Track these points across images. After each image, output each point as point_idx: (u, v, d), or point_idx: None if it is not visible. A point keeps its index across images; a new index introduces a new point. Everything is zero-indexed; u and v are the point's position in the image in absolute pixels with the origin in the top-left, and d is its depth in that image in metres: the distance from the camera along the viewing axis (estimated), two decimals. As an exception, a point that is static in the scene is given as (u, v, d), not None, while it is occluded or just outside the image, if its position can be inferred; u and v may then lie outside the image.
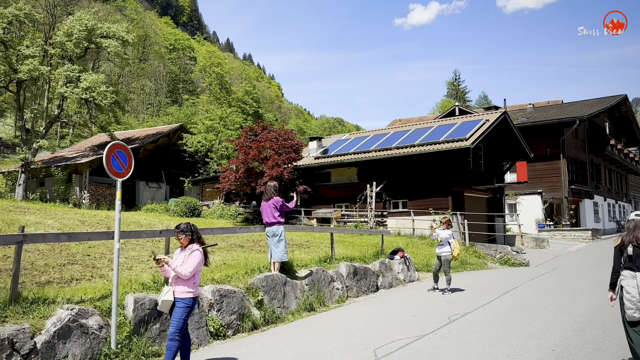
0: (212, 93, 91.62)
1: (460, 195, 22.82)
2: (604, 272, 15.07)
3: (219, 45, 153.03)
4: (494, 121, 22.82)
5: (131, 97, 77.85)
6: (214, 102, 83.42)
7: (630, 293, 5.45)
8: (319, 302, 9.80)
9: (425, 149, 22.08)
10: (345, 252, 14.44)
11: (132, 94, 78.00)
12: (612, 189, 41.91)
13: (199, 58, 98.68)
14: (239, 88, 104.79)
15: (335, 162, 24.78)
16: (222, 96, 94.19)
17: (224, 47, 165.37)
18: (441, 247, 11.56)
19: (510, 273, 15.15)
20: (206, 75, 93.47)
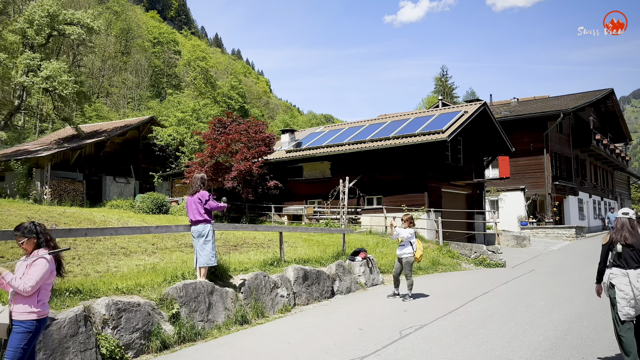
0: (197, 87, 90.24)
1: (438, 191, 21.61)
2: (585, 274, 13.90)
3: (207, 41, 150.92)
4: (472, 113, 21.61)
5: (112, 91, 76.07)
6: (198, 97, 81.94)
7: (624, 291, 5.50)
8: (256, 312, 8.49)
9: (401, 141, 20.82)
10: (304, 253, 13.16)
11: (113, 87, 76.21)
12: (598, 186, 40.96)
13: (183, 52, 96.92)
14: (225, 83, 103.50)
15: (308, 155, 23.47)
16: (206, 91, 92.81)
17: (212, 42, 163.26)
18: (402, 247, 10.30)
19: (483, 275, 13.94)
20: (190, 70, 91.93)
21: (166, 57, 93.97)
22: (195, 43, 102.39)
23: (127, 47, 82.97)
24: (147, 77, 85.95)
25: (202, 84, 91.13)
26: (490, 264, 15.70)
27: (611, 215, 25.42)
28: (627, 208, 6.23)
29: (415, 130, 21.04)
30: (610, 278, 5.75)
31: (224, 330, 7.65)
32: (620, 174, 50.70)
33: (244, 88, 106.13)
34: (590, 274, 13.97)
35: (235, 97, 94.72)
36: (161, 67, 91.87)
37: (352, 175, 22.62)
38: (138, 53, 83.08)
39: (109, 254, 11.42)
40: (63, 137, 33.35)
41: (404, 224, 10.35)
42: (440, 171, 21.86)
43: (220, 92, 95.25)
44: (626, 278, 5.55)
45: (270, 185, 24.02)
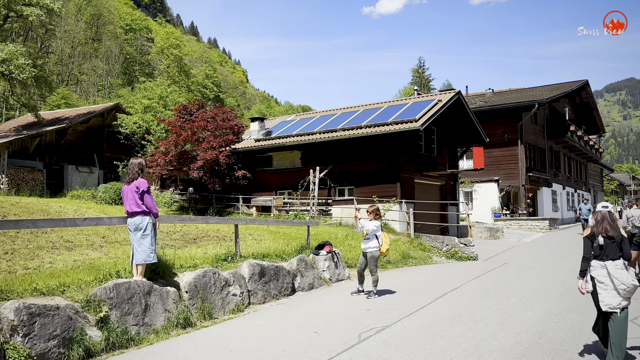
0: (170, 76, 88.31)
1: (410, 182, 21.00)
2: (558, 267, 13.42)
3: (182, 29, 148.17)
4: (446, 102, 21.01)
5: (82, 79, 73.87)
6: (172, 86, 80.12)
7: (604, 282, 5.63)
8: (202, 314, 7.68)
9: (373, 130, 20.12)
10: (267, 247, 12.38)
11: (83, 75, 74.01)
12: (572, 178, 40.98)
13: (156, 39, 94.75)
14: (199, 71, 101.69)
15: (277, 145, 22.61)
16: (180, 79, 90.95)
17: (188, 30, 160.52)
18: (367, 241, 9.59)
19: (454, 269, 13.35)
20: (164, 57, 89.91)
21: (139, 45, 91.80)
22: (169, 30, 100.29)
23: (98, 34, 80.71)
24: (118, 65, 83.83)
25: (176, 72, 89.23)
26: (462, 257, 15.14)
27: (584, 207, 24.67)
28: (604, 202, 6.25)
29: (388, 119, 20.36)
30: (590, 271, 5.83)
31: (162, 335, 6.83)
32: (593, 166, 50.99)
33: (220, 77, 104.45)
34: (564, 267, 13.52)
35: (210, 87, 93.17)
36: (134, 54, 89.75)
37: (323, 165, 21.88)
38: (110, 40, 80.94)
39: (50, 247, 10.48)
40: (23, 125, 31.87)
41: (369, 215, 9.63)
42: (413, 161, 21.25)
43: (195, 81, 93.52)
44: (604, 270, 5.66)
45: (238, 175, 23.11)
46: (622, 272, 5.56)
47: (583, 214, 24.37)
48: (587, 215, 23.66)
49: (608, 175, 65.09)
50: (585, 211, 24.15)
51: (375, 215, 9.56)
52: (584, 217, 24.26)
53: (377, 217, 9.59)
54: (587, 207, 24.32)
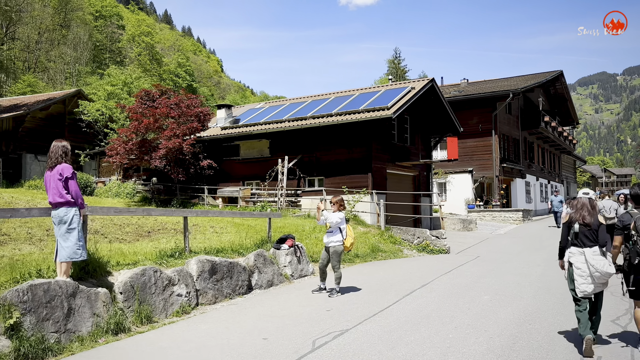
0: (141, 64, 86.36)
1: (383, 172, 20.32)
2: (532, 261, 12.86)
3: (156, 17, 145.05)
4: (420, 89, 20.33)
5: (50, 66, 71.49)
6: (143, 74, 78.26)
7: (581, 269, 5.71)
8: (139, 318, 6.82)
9: (343, 118, 19.33)
10: (225, 240, 11.56)
11: (51, 62, 71.62)
12: (545, 169, 40.90)
13: (127, 26, 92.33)
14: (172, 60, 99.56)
15: (244, 133, 21.66)
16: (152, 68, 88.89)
17: (162, 18, 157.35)
18: (330, 234, 8.82)
19: (425, 263, 12.69)
20: (135, 45, 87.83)
21: (109, 32, 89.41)
22: (141, 18, 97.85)
23: (67, 20, 78.27)
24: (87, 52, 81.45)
25: (147, 60, 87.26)
26: (434, 250, 14.51)
27: (554, 199, 23.88)
28: (587, 188, 6.30)
29: (360, 107, 19.59)
30: (568, 257, 5.90)
31: (88, 343, 5.95)
32: (566, 158, 51.17)
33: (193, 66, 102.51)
34: (538, 260, 12.99)
35: (182, 75, 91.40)
36: (104, 42, 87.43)
37: (292, 154, 21.04)
38: (79, 27, 78.58)
39: (-21, 242, 9.47)
40: (-25, 111, 30.26)
41: (333, 207, 8.86)
42: (385, 151, 20.56)
43: (167, 70, 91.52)
44: (582, 256, 5.72)
45: (203, 165, 22.13)
46: (599, 259, 5.62)
47: (554, 207, 23.77)
48: (559, 207, 23.11)
49: (580, 167, 65.68)
50: (556, 203, 23.60)
51: (339, 207, 8.80)
52: (554, 209, 23.67)
53: (341, 209, 8.83)
54: (558, 198, 23.77)
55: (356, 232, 15.65)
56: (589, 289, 5.61)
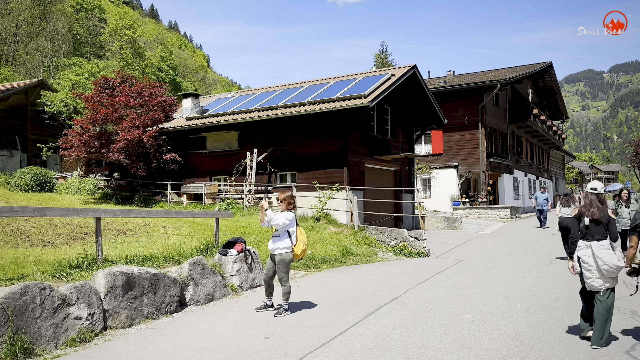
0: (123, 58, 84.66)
1: (360, 166, 18.72)
2: (522, 266, 11.32)
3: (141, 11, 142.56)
4: (401, 76, 18.74)
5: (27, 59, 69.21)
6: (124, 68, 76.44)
7: (588, 262, 5.58)
8: (13, 351, 5.15)
9: (317, 108, 17.68)
10: (159, 245, 9.91)
11: (29, 55, 69.33)
12: (534, 164, 39.54)
13: (109, 19, 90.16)
14: (155, 54, 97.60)
15: (210, 124, 19.93)
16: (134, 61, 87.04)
17: (148, 13, 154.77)
18: (276, 240, 7.19)
19: (400, 269, 11.10)
20: (117, 38, 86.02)
21: (91, 25, 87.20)
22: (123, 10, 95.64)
23: (45, 12, 76.01)
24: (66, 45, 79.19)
25: (129, 54, 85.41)
26: (412, 253, 12.94)
27: (540, 196, 20.98)
28: (596, 182, 5.97)
29: (334, 95, 17.96)
30: (576, 250, 5.76)
31: None
32: (555, 153, 49.92)
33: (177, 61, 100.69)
34: (529, 265, 11.47)
35: (165, 69, 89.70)
36: (85, 35, 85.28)
37: (263, 147, 19.37)
38: (58, 19, 76.46)
39: None
40: None
41: (280, 205, 7.23)
42: (363, 144, 18.96)
43: (150, 64, 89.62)
44: (589, 249, 5.62)
45: (166, 158, 20.41)
46: (606, 253, 5.49)
47: (539, 204, 20.97)
48: (544, 205, 20.75)
49: (568, 164, 64.60)
50: (541, 201, 20.86)
51: (287, 205, 7.17)
52: (539, 207, 20.93)
53: (290, 207, 7.20)
54: (544, 196, 20.98)
55: (327, 233, 14.05)
56: (597, 283, 5.49)
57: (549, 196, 20.93)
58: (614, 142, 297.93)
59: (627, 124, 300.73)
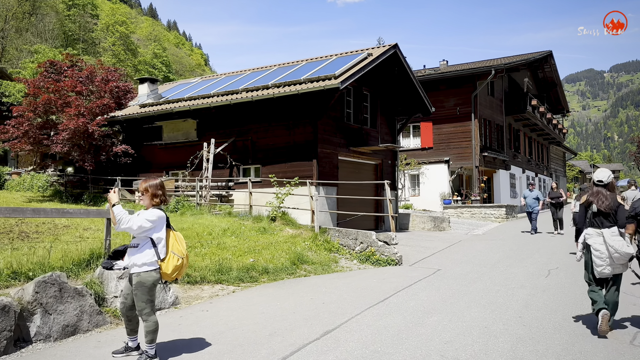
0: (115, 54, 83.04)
1: (333, 159, 16.41)
2: (514, 278, 8.97)
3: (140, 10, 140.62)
4: (379, 56, 16.40)
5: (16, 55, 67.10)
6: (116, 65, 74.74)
7: (599, 250, 5.53)
8: None
9: (281, 91, 15.34)
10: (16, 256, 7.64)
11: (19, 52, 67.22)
12: (533, 160, 37.11)
13: (102, 15, 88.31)
14: (148, 50, 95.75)
15: (164, 111, 17.60)
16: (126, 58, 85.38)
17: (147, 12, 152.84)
18: (133, 252, 4.88)
19: (357, 283, 8.74)
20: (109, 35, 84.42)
21: (83, 22, 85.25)
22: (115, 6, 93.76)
23: (35, 8, 74.05)
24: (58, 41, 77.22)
25: (122, 50, 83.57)
26: (380, 261, 10.60)
27: (528, 195, 17.45)
28: (602, 171, 5.85)
29: (302, 76, 15.63)
30: (585, 238, 5.72)
31: None
32: (555, 149, 47.50)
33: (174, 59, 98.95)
34: (521, 278, 9.07)
35: (158, 66, 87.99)
36: (77, 32, 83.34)
37: (224, 137, 17.08)
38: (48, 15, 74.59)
39: None
40: None
41: (142, 198, 4.91)
42: (337, 133, 16.65)
43: (142, 60, 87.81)
44: (600, 237, 5.55)
45: (117, 150, 18.11)
46: (618, 240, 5.43)
47: (528, 205, 17.35)
48: (534, 206, 17.20)
49: (569, 162, 62.17)
50: (530, 201, 17.29)
51: (152, 199, 4.86)
52: (528, 208, 17.33)
53: (156, 202, 4.88)
54: (534, 194, 17.44)
55: (281, 236, 11.72)
56: (608, 270, 5.47)
57: (540, 194, 17.31)
58: (615, 142, 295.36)
59: (627, 124, 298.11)
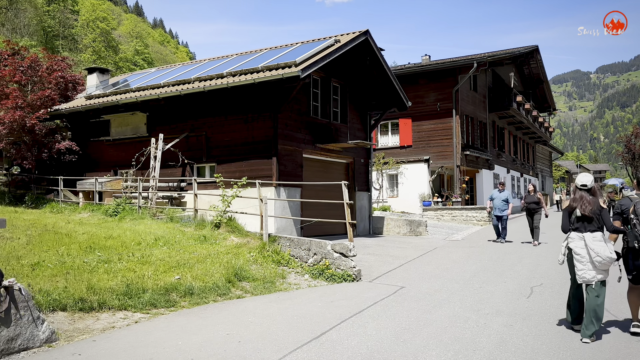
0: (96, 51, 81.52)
1: (296, 156, 14.80)
2: (488, 298, 7.37)
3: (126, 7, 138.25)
4: (347, 42, 14.81)
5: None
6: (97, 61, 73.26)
7: (580, 254, 5.56)
8: None
9: (237, 80, 13.70)
10: None
11: (-6, 49, 65.14)
12: (518, 160, 35.73)
13: (82, 11, 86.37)
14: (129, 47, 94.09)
15: (111, 102, 15.87)
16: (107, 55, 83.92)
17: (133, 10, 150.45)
18: None
19: (296, 308, 7.10)
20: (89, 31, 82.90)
21: (62, 17, 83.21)
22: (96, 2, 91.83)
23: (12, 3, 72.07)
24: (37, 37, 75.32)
25: (102, 47, 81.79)
26: (335, 276, 9.00)
27: (497, 197, 15.20)
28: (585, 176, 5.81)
29: (260, 64, 13.99)
30: (568, 242, 5.77)
31: None
32: (542, 148, 46.25)
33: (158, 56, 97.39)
34: (497, 301, 7.32)
35: (140, 63, 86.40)
36: (57, 27, 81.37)
37: (176, 133, 15.42)
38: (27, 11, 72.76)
39: None
40: None
41: None
42: (302, 129, 15.04)
43: (124, 57, 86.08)
44: (582, 241, 5.59)
45: (60, 147, 16.37)
46: (599, 244, 5.47)
47: (496, 208, 15.03)
48: (503, 209, 14.95)
49: (555, 162, 61.09)
50: (499, 203, 15.02)
51: None
52: (497, 213, 15.00)
53: None
54: (503, 196, 15.14)
55: (223, 247, 10.08)
56: (589, 275, 5.46)
57: (510, 196, 15.14)
58: (601, 142, 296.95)
59: (613, 124, 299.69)
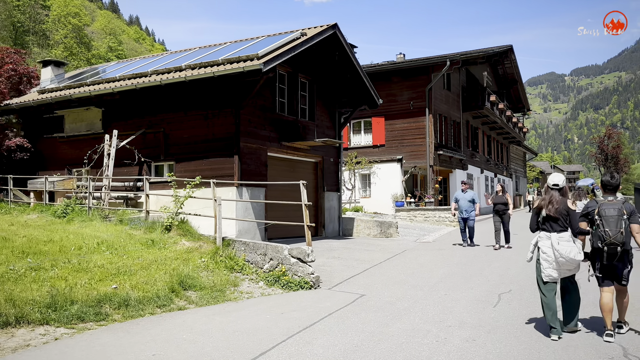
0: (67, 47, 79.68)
1: (260, 155, 14.08)
2: (453, 307, 6.74)
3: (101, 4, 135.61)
4: (313, 36, 14.14)
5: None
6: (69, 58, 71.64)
7: (547, 253, 5.67)
8: None
9: (194, 73, 12.94)
10: None
11: (-40, 45, 62.93)
12: (492, 160, 35.51)
13: (53, 7, 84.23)
14: (102, 44, 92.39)
15: (63, 97, 14.95)
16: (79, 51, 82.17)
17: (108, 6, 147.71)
18: None
19: (242, 322, 6.39)
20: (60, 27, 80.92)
21: (33, 13, 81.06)
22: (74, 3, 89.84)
23: (-21, -3, 69.99)
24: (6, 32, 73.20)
25: (74, 43, 79.86)
26: (292, 283, 8.32)
27: (462, 198, 14.26)
28: (557, 176, 5.88)
29: (220, 57, 13.24)
30: (536, 240, 5.88)
31: None
32: (516, 149, 46.26)
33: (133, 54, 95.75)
34: (461, 309, 6.58)
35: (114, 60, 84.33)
36: (27, 23, 79.24)
37: (133, 129, 14.56)
38: (-4, 6, 70.68)
39: None
40: None
41: None
42: (266, 126, 14.32)
43: (96, 54, 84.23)
44: (549, 241, 5.69)
45: (11, 145, 15.37)
46: (565, 245, 5.57)
47: (462, 210, 14.09)
48: (469, 211, 14.02)
49: (530, 162, 61.39)
50: (464, 204, 14.10)
51: None
52: (463, 215, 14.07)
53: None
54: (469, 196, 14.20)
55: (172, 251, 9.30)
56: (555, 274, 5.62)
57: (476, 197, 14.48)
58: (575, 144, 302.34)
59: (587, 126, 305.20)
